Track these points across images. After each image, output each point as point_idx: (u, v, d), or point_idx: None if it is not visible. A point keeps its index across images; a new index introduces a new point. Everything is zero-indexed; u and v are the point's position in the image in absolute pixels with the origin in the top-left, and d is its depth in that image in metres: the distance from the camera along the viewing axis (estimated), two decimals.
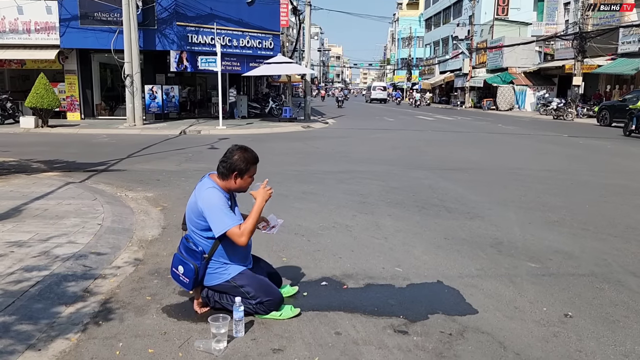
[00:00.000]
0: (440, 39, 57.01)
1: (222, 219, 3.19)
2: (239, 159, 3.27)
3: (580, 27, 27.41)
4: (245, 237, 3.20)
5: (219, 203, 3.21)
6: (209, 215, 3.19)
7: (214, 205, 3.20)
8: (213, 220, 3.19)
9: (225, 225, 3.18)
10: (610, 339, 3.14)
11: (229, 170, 3.27)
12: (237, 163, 3.27)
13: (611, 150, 13.72)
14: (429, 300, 3.69)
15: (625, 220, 6.09)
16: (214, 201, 3.21)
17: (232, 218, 3.22)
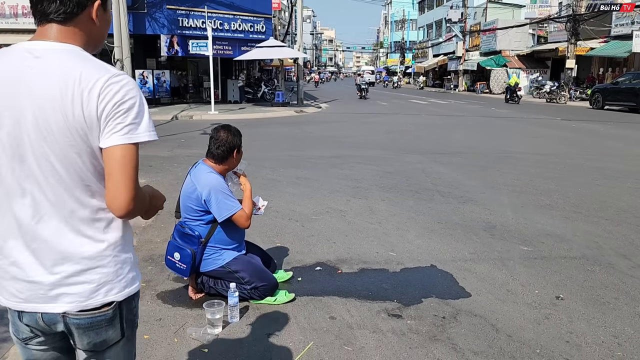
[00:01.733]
0: (434, 22, 56.69)
1: (228, 204, 3.23)
2: (233, 136, 3.32)
3: (574, 10, 27.33)
4: (248, 222, 3.31)
5: (222, 187, 3.24)
6: (213, 199, 3.20)
7: (218, 190, 3.21)
8: (218, 205, 3.20)
9: (233, 208, 3.23)
10: (600, 321, 3.19)
11: (230, 150, 3.29)
12: (234, 140, 3.30)
13: (604, 133, 13.78)
14: (422, 284, 3.72)
15: (616, 203, 6.14)
16: (217, 186, 3.22)
17: (237, 202, 3.27)
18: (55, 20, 1.31)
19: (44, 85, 1.26)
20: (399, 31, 72.47)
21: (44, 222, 1.33)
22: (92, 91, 1.25)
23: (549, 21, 32.83)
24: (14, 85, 1.27)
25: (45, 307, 1.36)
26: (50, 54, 1.29)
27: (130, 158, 1.30)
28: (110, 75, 1.28)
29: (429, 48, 56.32)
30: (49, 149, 1.28)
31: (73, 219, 1.34)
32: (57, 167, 1.29)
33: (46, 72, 1.27)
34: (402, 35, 69.65)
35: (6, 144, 1.29)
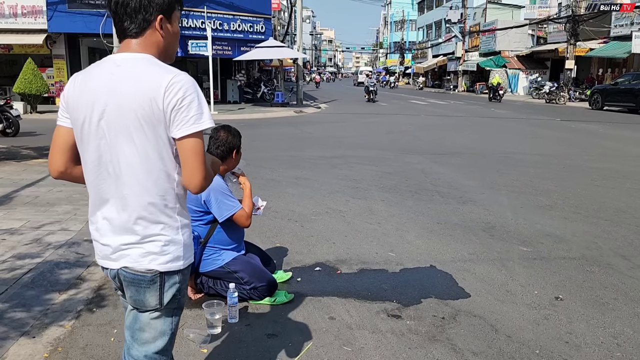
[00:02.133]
0: (433, 23, 56.72)
1: (228, 203, 3.24)
2: (232, 136, 3.31)
3: (573, 10, 27.35)
4: (249, 220, 3.32)
5: (221, 188, 3.24)
6: (213, 200, 3.20)
7: (217, 190, 3.22)
8: (218, 205, 3.21)
9: (233, 208, 3.24)
10: (600, 321, 3.19)
11: (229, 150, 3.29)
12: (233, 140, 3.30)
13: (603, 134, 13.79)
14: (422, 285, 3.72)
15: (615, 203, 6.14)
16: (216, 186, 3.22)
17: (237, 202, 3.28)
18: (130, 35, 1.62)
19: (122, 87, 1.56)
20: (399, 32, 72.51)
21: (117, 200, 1.64)
22: (159, 90, 1.53)
23: (549, 22, 32.87)
24: (102, 89, 1.59)
25: (108, 264, 1.71)
26: (128, 62, 1.59)
27: (199, 144, 1.59)
28: (173, 76, 1.56)
29: (429, 49, 56.37)
30: (124, 138, 1.57)
31: (137, 200, 1.62)
32: (130, 154, 1.58)
33: (124, 76, 1.57)
34: (401, 35, 69.69)
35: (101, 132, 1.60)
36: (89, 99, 1.61)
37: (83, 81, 1.65)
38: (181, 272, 1.71)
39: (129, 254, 1.65)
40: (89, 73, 1.66)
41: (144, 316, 1.73)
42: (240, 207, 3.27)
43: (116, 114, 1.57)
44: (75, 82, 1.67)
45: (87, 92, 1.62)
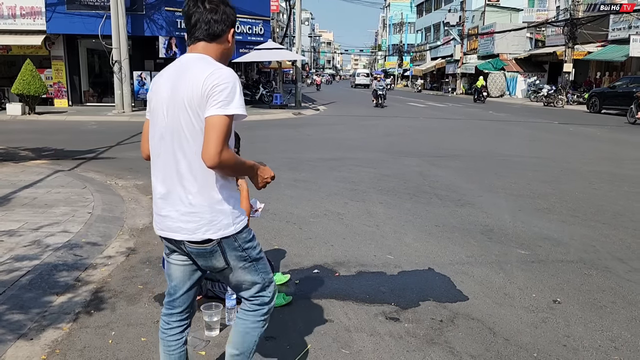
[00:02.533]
0: (432, 25, 56.82)
1: None
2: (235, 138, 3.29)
3: (571, 14, 27.42)
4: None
5: None
6: None
7: None
8: None
9: None
10: (597, 325, 3.19)
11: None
12: (233, 142, 3.28)
13: (601, 137, 13.83)
14: (420, 287, 3.72)
15: (613, 207, 6.16)
16: None
17: None
18: (202, 39, 1.96)
19: (179, 79, 1.89)
20: (397, 34, 72.61)
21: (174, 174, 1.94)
22: (200, 78, 1.83)
23: (547, 25, 32.95)
24: (167, 82, 1.95)
25: (171, 235, 1.99)
26: (191, 60, 1.94)
27: (221, 124, 1.81)
28: (214, 69, 1.86)
29: (427, 51, 56.47)
30: (183, 120, 1.88)
31: (190, 176, 1.91)
32: (185, 132, 1.88)
33: (185, 70, 1.90)
34: (400, 38, 69.78)
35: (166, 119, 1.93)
36: (159, 91, 1.96)
37: (157, 80, 2.02)
38: (236, 235, 2.00)
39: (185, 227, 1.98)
40: (162, 74, 2.02)
41: (220, 274, 2.09)
42: None
43: (173, 101, 1.89)
44: (153, 82, 2.05)
45: (158, 86, 1.98)
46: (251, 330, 2.15)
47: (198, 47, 1.96)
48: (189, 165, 1.90)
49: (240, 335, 2.16)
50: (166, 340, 2.17)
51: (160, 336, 2.20)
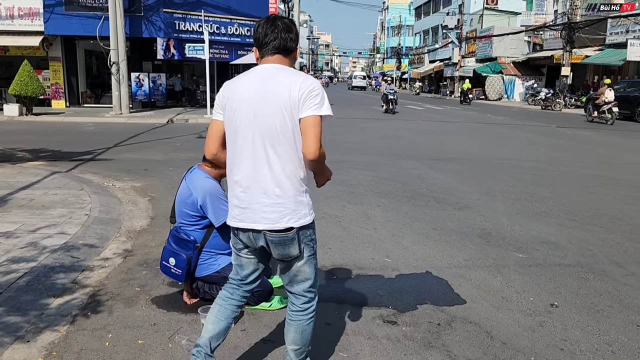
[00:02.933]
0: (430, 28, 56.94)
1: (224, 208, 3.21)
2: None
3: (569, 18, 27.51)
4: None
5: (217, 192, 3.23)
6: (209, 204, 3.20)
7: (213, 195, 3.21)
8: (215, 210, 3.20)
9: (225, 216, 3.20)
10: (594, 328, 3.20)
11: None
12: None
13: (598, 141, 13.87)
14: (417, 291, 3.72)
15: (610, 211, 6.17)
16: (212, 191, 3.21)
17: None
18: (279, 53, 2.26)
19: (271, 86, 2.16)
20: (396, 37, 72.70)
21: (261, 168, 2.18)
22: (295, 86, 2.12)
23: (545, 29, 33.03)
24: (253, 87, 2.19)
25: (252, 226, 2.23)
26: (274, 68, 2.23)
27: (317, 123, 2.12)
28: (305, 77, 2.18)
29: (425, 54, 56.56)
30: (277, 120, 2.13)
31: (279, 169, 2.17)
32: (278, 130, 2.13)
33: (271, 76, 2.19)
34: (398, 40, 69.88)
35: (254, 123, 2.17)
36: (242, 95, 2.19)
37: (236, 84, 2.26)
38: (309, 225, 2.30)
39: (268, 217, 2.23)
40: (240, 79, 2.27)
41: (290, 263, 2.33)
42: None
43: (264, 103, 2.14)
44: (227, 87, 2.28)
45: (240, 91, 2.21)
46: (307, 327, 2.43)
47: (274, 59, 2.26)
48: (279, 159, 2.15)
49: (298, 333, 2.41)
50: (223, 307, 2.45)
51: (218, 302, 2.46)
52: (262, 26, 2.27)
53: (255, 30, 2.31)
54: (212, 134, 2.32)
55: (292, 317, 2.42)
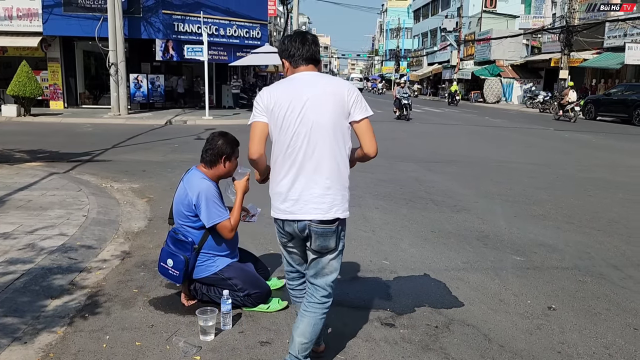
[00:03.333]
0: (429, 31, 57.04)
1: (215, 211, 3.22)
2: (224, 143, 3.31)
3: (567, 21, 27.58)
4: (233, 232, 3.30)
5: (212, 194, 3.23)
6: (203, 205, 3.20)
7: (208, 196, 3.21)
8: (206, 211, 3.20)
9: (219, 217, 3.22)
10: (592, 331, 3.20)
11: (217, 156, 3.30)
12: (224, 147, 3.30)
13: (596, 144, 13.89)
14: (415, 293, 3.73)
15: (608, 214, 6.18)
16: (206, 192, 3.22)
17: (223, 212, 3.27)
18: (312, 62, 2.54)
19: (322, 89, 2.43)
20: (394, 39, 72.83)
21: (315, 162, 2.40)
22: (346, 90, 2.43)
23: (543, 32, 33.12)
24: (302, 89, 2.42)
25: (302, 217, 2.41)
26: (318, 75, 2.51)
27: (370, 124, 2.48)
28: (350, 84, 2.51)
29: (424, 56, 56.66)
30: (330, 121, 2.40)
31: (333, 164, 2.41)
32: (330, 130, 2.40)
33: (317, 82, 2.46)
34: (397, 43, 69.99)
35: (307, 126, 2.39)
36: (293, 97, 2.40)
37: (283, 88, 2.45)
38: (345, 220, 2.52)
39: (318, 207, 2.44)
40: (285, 84, 2.48)
41: (323, 256, 2.50)
42: (226, 217, 3.26)
43: (316, 106, 2.38)
44: (272, 91, 2.46)
45: (291, 94, 2.41)
46: (319, 322, 2.52)
47: (309, 68, 2.52)
48: (332, 155, 2.39)
49: (310, 326, 2.49)
50: (299, 302, 2.68)
51: (299, 300, 2.70)
52: (294, 39, 2.52)
53: (283, 42, 2.56)
54: (257, 135, 2.45)
55: (307, 309, 2.52)
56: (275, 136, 2.45)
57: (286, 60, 2.55)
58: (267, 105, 2.44)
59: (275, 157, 2.46)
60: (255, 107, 2.49)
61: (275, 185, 2.46)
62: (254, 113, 2.49)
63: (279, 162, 2.44)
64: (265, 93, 2.48)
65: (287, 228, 2.47)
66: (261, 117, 2.45)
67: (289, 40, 2.54)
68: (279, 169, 2.45)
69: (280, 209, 2.46)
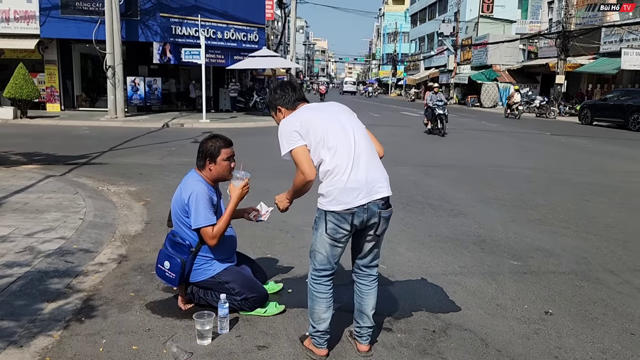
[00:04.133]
0: (426, 35, 57.22)
1: (200, 215, 3.19)
2: (209, 145, 3.31)
3: (564, 26, 27.73)
4: (215, 240, 3.23)
5: (201, 197, 3.21)
6: (193, 205, 3.19)
7: (199, 197, 3.20)
8: (194, 213, 3.20)
9: (204, 221, 3.19)
10: (589, 336, 3.21)
11: (202, 158, 3.31)
12: (208, 148, 3.30)
13: (592, 149, 13.94)
14: (412, 298, 3.73)
15: (604, 219, 6.20)
16: (198, 194, 3.21)
17: (209, 217, 3.21)
18: (305, 101, 2.97)
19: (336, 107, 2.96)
20: (391, 43, 73.04)
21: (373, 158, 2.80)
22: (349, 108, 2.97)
23: (539, 37, 33.26)
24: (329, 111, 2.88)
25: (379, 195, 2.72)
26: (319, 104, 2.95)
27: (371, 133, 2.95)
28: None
29: (421, 61, 56.82)
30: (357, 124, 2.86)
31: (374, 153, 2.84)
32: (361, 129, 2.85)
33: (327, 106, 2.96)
34: (394, 47, 70.19)
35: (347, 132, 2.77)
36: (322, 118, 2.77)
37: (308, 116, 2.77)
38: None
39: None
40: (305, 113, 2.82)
41: (379, 239, 2.85)
42: (212, 224, 3.20)
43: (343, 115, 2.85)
44: (297, 120, 2.75)
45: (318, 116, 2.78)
46: (376, 293, 2.95)
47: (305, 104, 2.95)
48: (376, 153, 2.83)
49: (375, 298, 2.92)
50: (328, 298, 2.84)
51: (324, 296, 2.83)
52: (285, 88, 2.93)
53: (275, 93, 2.94)
54: (307, 158, 2.70)
55: (370, 287, 2.93)
56: (324, 148, 2.68)
57: (282, 107, 2.91)
58: (301, 130, 2.70)
59: (330, 164, 2.67)
60: (290, 134, 2.70)
61: (342, 183, 2.65)
62: (289, 141, 2.70)
63: (352, 165, 2.67)
64: (296, 122, 2.75)
65: (356, 220, 2.68)
66: (301, 141, 2.68)
67: (281, 90, 2.92)
68: (352, 169, 2.66)
69: (346, 201, 2.65)
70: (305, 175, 2.69)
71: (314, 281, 2.84)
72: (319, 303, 2.82)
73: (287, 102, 2.89)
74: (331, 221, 2.72)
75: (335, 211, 2.68)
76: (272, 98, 2.94)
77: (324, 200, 2.74)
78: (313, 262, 2.86)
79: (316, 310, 2.82)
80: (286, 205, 3.17)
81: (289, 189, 2.97)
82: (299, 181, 2.75)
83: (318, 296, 2.82)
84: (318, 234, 2.83)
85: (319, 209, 2.81)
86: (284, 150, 2.73)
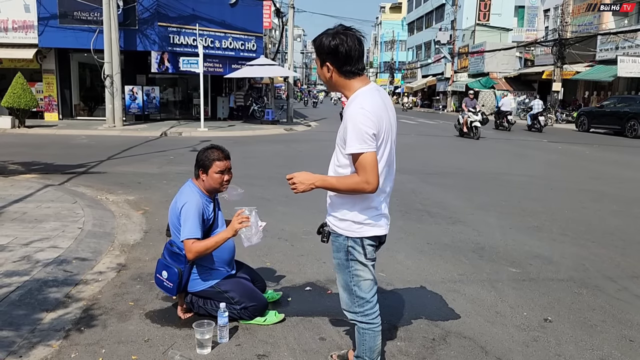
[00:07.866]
0: (423, 43, 57.46)
1: (186, 227, 3.17)
2: (204, 156, 3.31)
3: (560, 34, 27.89)
4: (191, 255, 3.16)
5: (191, 209, 3.20)
6: (183, 214, 3.19)
7: (188, 209, 3.20)
8: (183, 224, 3.19)
9: (188, 233, 3.16)
10: (588, 343, 3.21)
11: (196, 168, 3.32)
12: (201, 159, 3.30)
13: (589, 156, 13.99)
14: (412, 305, 3.73)
15: (602, 226, 6.22)
16: (190, 204, 3.21)
17: (193, 230, 3.17)
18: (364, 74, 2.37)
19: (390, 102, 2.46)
20: (389, 51, 73.31)
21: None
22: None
23: (536, 45, 33.43)
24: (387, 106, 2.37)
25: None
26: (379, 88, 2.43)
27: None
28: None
29: (418, 69, 56.99)
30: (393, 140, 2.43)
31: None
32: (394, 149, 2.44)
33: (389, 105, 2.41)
34: (391, 55, 70.45)
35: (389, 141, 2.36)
36: (387, 116, 2.34)
37: (379, 106, 2.27)
38: None
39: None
40: (381, 106, 2.30)
41: None
42: (194, 237, 3.14)
43: (393, 119, 2.42)
44: (374, 111, 2.22)
45: (385, 111, 2.32)
46: None
47: (364, 77, 2.36)
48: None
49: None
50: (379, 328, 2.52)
51: (378, 329, 2.51)
52: (350, 38, 2.22)
53: (333, 39, 2.20)
54: (376, 167, 2.24)
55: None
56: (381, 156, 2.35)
57: (341, 66, 2.24)
58: (376, 133, 2.24)
59: (383, 183, 2.37)
60: (365, 133, 2.18)
61: (371, 201, 2.35)
62: (363, 139, 2.18)
63: (383, 180, 2.36)
64: (374, 115, 2.21)
65: (383, 240, 2.53)
66: (373, 145, 2.21)
67: (345, 36, 2.19)
68: (383, 184, 2.38)
69: (379, 224, 2.42)
70: (370, 186, 2.22)
71: (371, 316, 2.48)
72: (379, 336, 2.52)
73: (352, 59, 2.24)
74: (369, 245, 2.42)
75: (375, 235, 2.42)
76: (324, 46, 2.24)
77: (358, 227, 2.38)
78: (360, 296, 2.47)
79: (378, 345, 2.51)
80: (306, 190, 2.42)
81: (329, 178, 2.38)
82: (359, 187, 2.24)
83: (378, 330, 2.50)
84: (358, 264, 2.43)
85: (350, 238, 2.39)
86: (352, 147, 2.20)
